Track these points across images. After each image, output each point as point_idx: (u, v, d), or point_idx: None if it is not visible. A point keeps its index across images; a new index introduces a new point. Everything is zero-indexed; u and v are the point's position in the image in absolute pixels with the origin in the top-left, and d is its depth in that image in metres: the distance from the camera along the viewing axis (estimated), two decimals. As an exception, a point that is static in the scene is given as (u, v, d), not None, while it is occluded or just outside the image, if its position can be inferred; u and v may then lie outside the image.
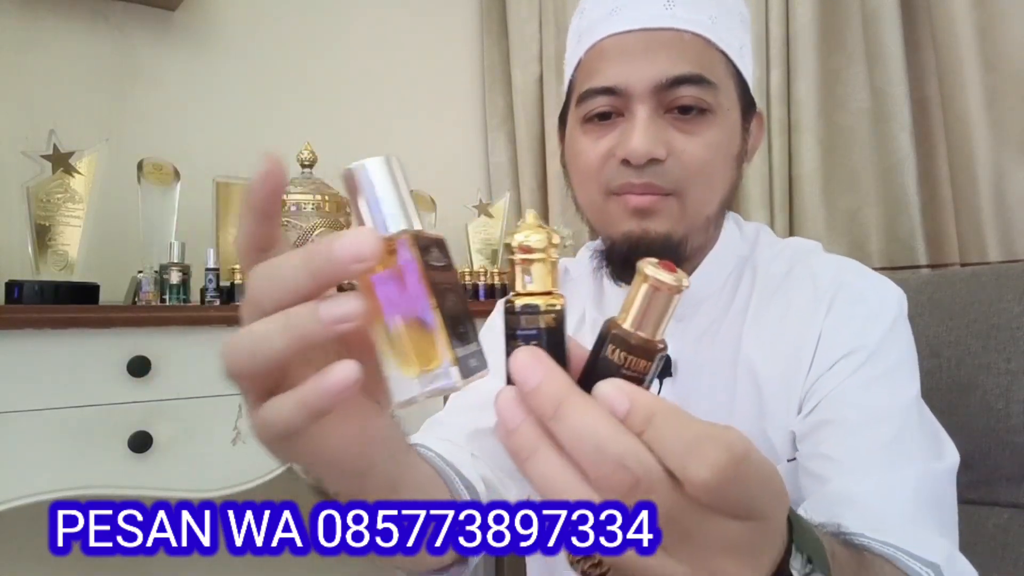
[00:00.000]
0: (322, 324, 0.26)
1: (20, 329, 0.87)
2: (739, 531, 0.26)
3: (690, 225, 0.62)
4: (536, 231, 0.28)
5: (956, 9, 1.05)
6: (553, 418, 0.26)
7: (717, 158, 0.61)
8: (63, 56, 1.27)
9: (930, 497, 0.56)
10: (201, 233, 1.17)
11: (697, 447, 0.25)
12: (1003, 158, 1.04)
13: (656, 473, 0.25)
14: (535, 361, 0.26)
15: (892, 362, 0.60)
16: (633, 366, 0.27)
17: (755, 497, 0.26)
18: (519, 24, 1.72)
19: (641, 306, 0.27)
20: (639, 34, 0.61)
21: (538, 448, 0.26)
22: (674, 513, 0.25)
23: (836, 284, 0.63)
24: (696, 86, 0.59)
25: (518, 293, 0.28)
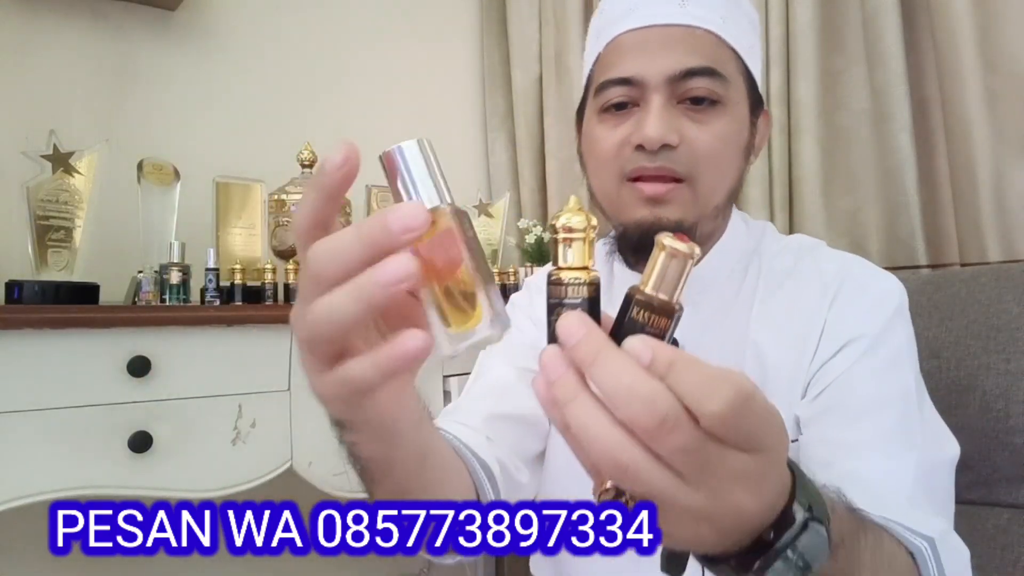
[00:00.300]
0: (383, 287, 0.30)
1: (20, 329, 0.87)
2: (746, 462, 0.30)
3: (700, 212, 0.65)
4: (577, 214, 0.33)
5: (956, 9, 1.05)
6: (592, 365, 0.30)
7: (727, 147, 0.65)
8: (63, 56, 1.27)
9: (928, 484, 0.58)
10: (201, 233, 1.17)
11: (711, 386, 0.28)
12: (1003, 158, 1.04)
13: (678, 411, 0.28)
14: (578, 321, 0.31)
15: (893, 350, 0.63)
16: (655, 324, 0.31)
17: (760, 430, 0.30)
18: (519, 24, 1.72)
19: (660, 272, 0.31)
20: (655, 30, 0.64)
21: (577, 395, 0.30)
22: (692, 447, 0.29)
23: (840, 276, 0.66)
24: (708, 78, 0.63)
25: (560, 267, 0.33)
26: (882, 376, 0.62)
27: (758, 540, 0.33)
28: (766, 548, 0.33)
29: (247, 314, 1.02)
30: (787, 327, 0.65)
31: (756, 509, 0.32)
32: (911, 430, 0.61)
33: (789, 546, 0.33)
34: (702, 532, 0.32)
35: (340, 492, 1.07)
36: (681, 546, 0.34)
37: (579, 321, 0.31)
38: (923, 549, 0.51)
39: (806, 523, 0.34)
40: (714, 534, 0.32)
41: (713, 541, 0.33)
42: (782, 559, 0.33)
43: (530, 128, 1.72)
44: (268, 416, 1.02)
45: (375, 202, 1.33)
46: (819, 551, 0.34)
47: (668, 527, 0.32)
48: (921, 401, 0.63)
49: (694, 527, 0.31)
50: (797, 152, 1.24)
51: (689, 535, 0.32)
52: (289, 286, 1.13)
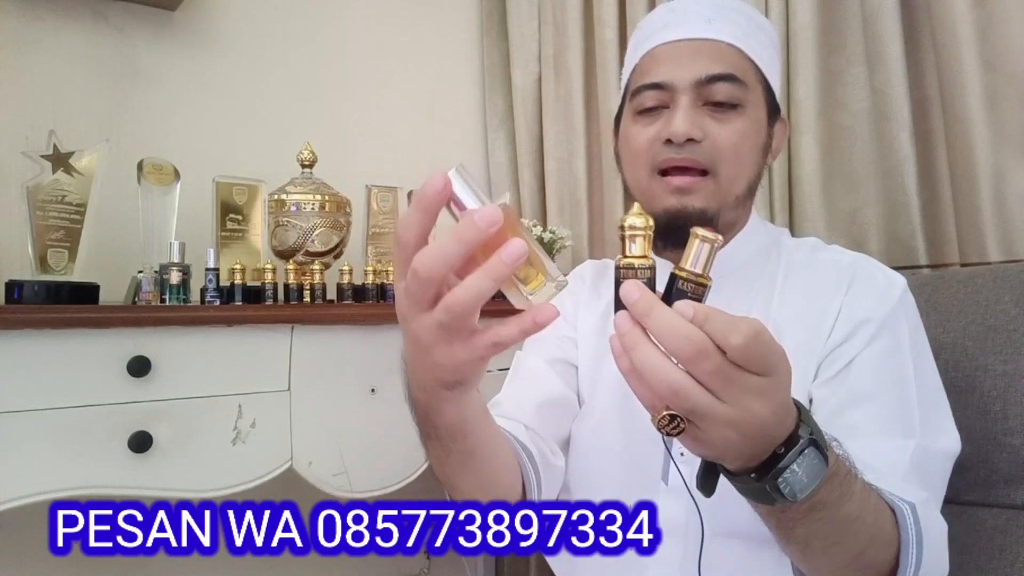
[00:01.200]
0: (509, 265, 0.40)
1: (20, 329, 0.87)
2: (760, 382, 0.42)
3: (722, 202, 0.74)
4: (639, 216, 0.45)
5: (956, 9, 1.05)
6: (646, 316, 0.42)
7: (745, 143, 0.74)
8: (63, 56, 1.27)
9: (923, 470, 0.64)
10: (201, 233, 1.17)
11: (734, 325, 0.40)
12: (1003, 158, 1.04)
13: (709, 344, 0.40)
14: (635, 286, 0.43)
15: (895, 338, 0.70)
16: (694, 292, 0.43)
17: (768, 357, 0.42)
18: (519, 24, 1.72)
19: (695, 255, 0.43)
20: (685, 43, 0.75)
21: (640, 342, 0.42)
22: (720, 370, 0.41)
23: (854, 266, 0.75)
24: (729, 83, 0.73)
25: (625, 256, 0.45)
26: (882, 363, 0.68)
27: (772, 456, 0.45)
28: (778, 460, 0.44)
29: (247, 314, 1.02)
30: (805, 310, 0.73)
31: (769, 417, 0.43)
32: (909, 417, 0.67)
33: (795, 461, 0.44)
34: (731, 437, 0.42)
35: (340, 492, 1.08)
36: (716, 454, 0.45)
37: (635, 286, 0.43)
38: (904, 510, 0.57)
39: (808, 443, 0.45)
40: (740, 439, 0.43)
41: (739, 447, 0.43)
42: (790, 471, 0.44)
43: (530, 128, 1.72)
44: (268, 416, 1.02)
45: (375, 201, 1.33)
46: (818, 470, 0.45)
47: (706, 436, 0.43)
48: (923, 389, 0.69)
49: (725, 432, 0.42)
50: (797, 152, 1.24)
51: (721, 440, 0.43)
52: (289, 286, 1.13)
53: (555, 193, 1.65)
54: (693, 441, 0.44)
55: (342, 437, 1.08)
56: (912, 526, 0.56)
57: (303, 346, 1.06)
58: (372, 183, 1.34)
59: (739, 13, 0.78)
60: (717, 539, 0.67)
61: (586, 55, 1.61)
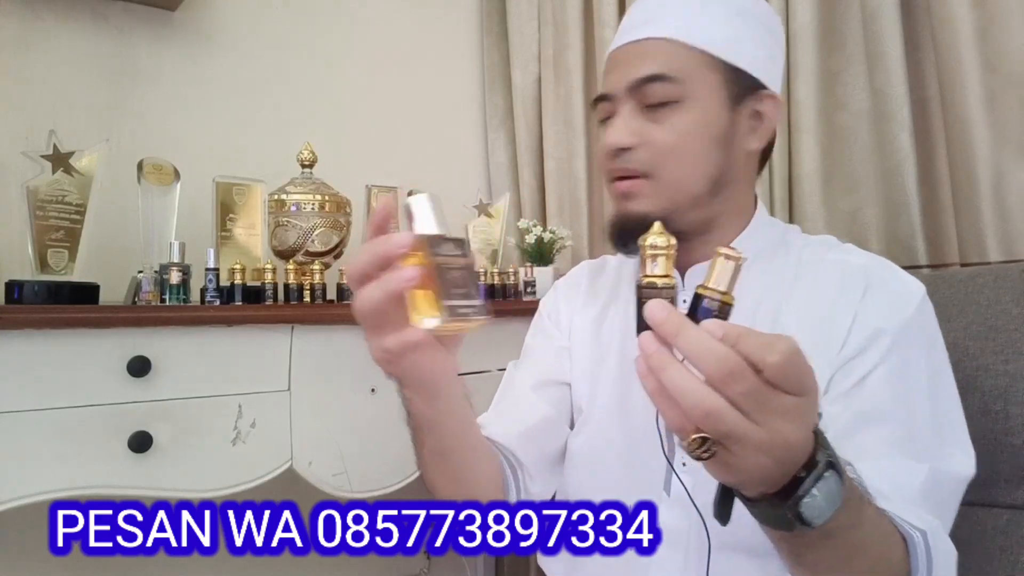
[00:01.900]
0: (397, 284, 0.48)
1: (20, 329, 0.87)
2: (793, 403, 0.40)
3: (672, 203, 0.72)
4: (661, 236, 0.45)
5: (956, 9, 1.05)
6: (676, 336, 0.40)
7: (687, 141, 0.71)
8: (63, 56, 1.27)
9: (934, 494, 0.62)
10: (201, 233, 1.17)
11: (771, 344, 0.39)
12: (1003, 158, 1.04)
13: (742, 365, 0.39)
14: (661, 306, 0.41)
15: (909, 354, 0.66)
16: (720, 311, 0.42)
17: (804, 377, 0.41)
18: (519, 24, 1.72)
19: (719, 273, 0.43)
20: (625, 47, 0.75)
21: (669, 363, 0.41)
22: (754, 391, 0.39)
23: (868, 269, 0.71)
24: (660, 83, 0.71)
25: (647, 275, 0.44)
26: (896, 381, 0.65)
27: (792, 480, 0.43)
28: (798, 485, 0.43)
29: (247, 314, 1.02)
30: (814, 315, 0.70)
31: (801, 440, 0.41)
32: (921, 439, 0.64)
33: (815, 485, 0.43)
34: (763, 463, 0.41)
35: (340, 492, 1.07)
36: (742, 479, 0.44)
37: (662, 306, 0.41)
38: (916, 537, 0.55)
39: (827, 466, 0.43)
40: (772, 464, 0.41)
41: (767, 472, 0.42)
42: (810, 496, 0.42)
43: (530, 128, 1.72)
44: (268, 416, 1.02)
45: (375, 201, 1.33)
46: (837, 494, 0.44)
47: (737, 460, 0.41)
48: (938, 408, 0.66)
49: (756, 458, 0.41)
50: (797, 152, 1.24)
51: (753, 466, 0.41)
52: (289, 286, 1.13)
53: (555, 193, 1.65)
54: (722, 466, 0.42)
55: (342, 437, 1.08)
56: (923, 554, 0.55)
57: (303, 346, 1.06)
58: (372, 183, 1.34)
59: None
60: (723, 551, 0.65)
61: (586, 55, 1.61)
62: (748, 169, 0.77)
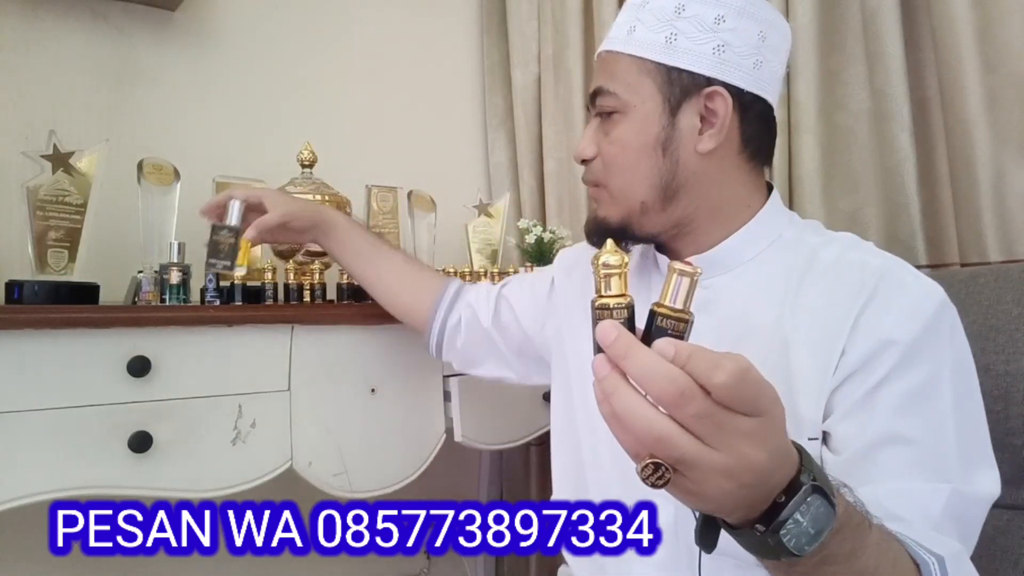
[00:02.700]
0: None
1: (20, 329, 0.87)
2: (750, 424, 0.38)
3: (624, 209, 0.74)
4: (614, 254, 0.42)
5: (956, 9, 1.05)
6: (624, 359, 0.38)
7: (625, 150, 0.73)
8: (63, 56, 1.27)
9: (958, 518, 0.58)
10: (201, 233, 1.16)
11: (718, 363, 0.37)
12: (1003, 158, 1.04)
13: (692, 386, 0.37)
14: (611, 326, 0.40)
15: (930, 369, 0.61)
16: (674, 329, 0.40)
17: (757, 397, 0.38)
18: (519, 24, 1.72)
19: (674, 289, 0.40)
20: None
21: (619, 387, 0.39)
22: (707, 413, 0.37)
23: (880, 272, 0.65)
24: (601, 96, 0.74)
25: (602, 295, 0.42)
26: (917, 396, 0.60)
27: (772, 505, 0.41)
28: (779, 510, 0.41)
29: (247, 314, 1.02)
30: (819, 321, 0.65)
31: (766, 462, 0.39)
32: (945, 459, 0.59)
33: (798, 510, 0.40)
34: (726, 487, 0.39)
35: (340, 492, 1.07)
36: (713, 507, 0.41)
37: (611, 326, 0.39)
38: (931, 564, 0.51)
39: (812, 490, 0.41)
40: (736, 487, 0.39)
41: (737, 497, 0.40)
42: (793, 521, 0.40)
43: (530, 128, 1.72)
44: (268, 416, 1.02)
45: (375, 201, 1.33)
46: (825, 519, 0.41)
47: (699, 487, 0.39)
48: (963, 425, 0.61)
49: (719, 482, 0.38)
50: (797, 152, 1.24)
51: (716, 491, 0.39)
52: (289, 286, 1.13)
53: (554, 193, 1.65)
54: (685, 493, 0.40)
55: (342, 437, 1.08)
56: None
57: (303, 346, 1.06)
58: (372, 183, 1.34)
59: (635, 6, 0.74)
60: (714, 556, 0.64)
61: (586, 55, 1.61)
62: (718, 170, 0.72)
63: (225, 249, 0.92)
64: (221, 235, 0.92)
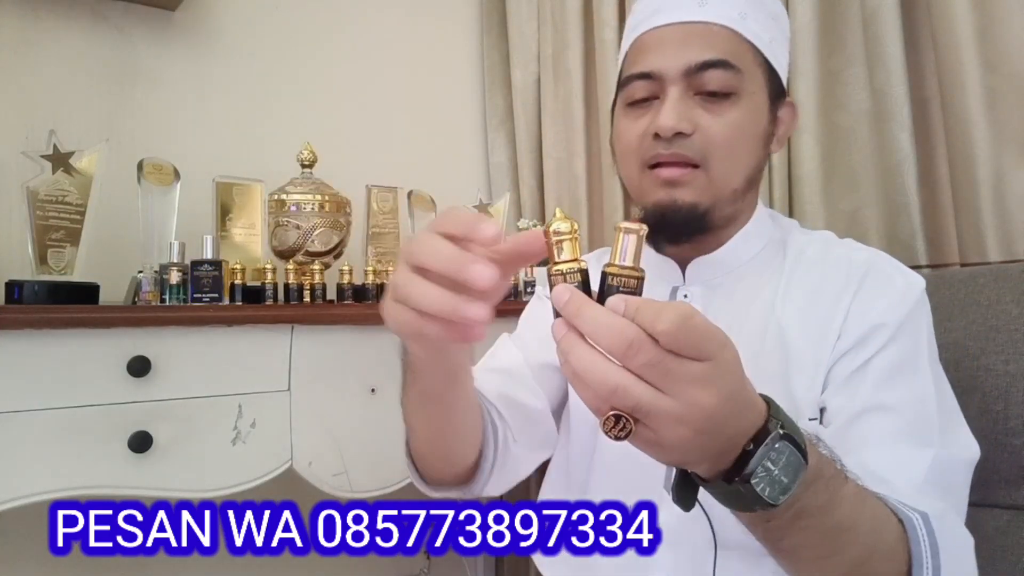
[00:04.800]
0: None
1: (20, 329, 0.87)
2: (700, 368, 0.39)
3: (716, 196, 0.70)
4: (564, 221, 0.43)
5: (956, 9, 1.05)
6: (576, 316, 0.40)
7: (740, 136, 0.69)
8: (63, 56, 1.27)
9: (942, 479, 0.60)
10: (201, 233, 1.17)
11: (661, 311, 0.38)
12: (1003, 158, 1.04)
13: (641, 336, 0.38)
14: (564, 288, 0.41)
15: (912, 344, 0.66)
16: (626, 285, 0.41)
17: (703, 341, 0.39)
18: (519, 24, 1.72)
19: (622, 248, 0.41)
20: (674, 27, 0.70)
21: (575, 345, 0.40)
22: (656, 360, 0.38)
23: (867, 265, 0.70)
24: (722, 70, 0.68)
25: (556, 262, 0.42)
26: (899, 369, 0.65)
27: (743, 454, 0.42)
28: (749, 458, 0.41)
29: (247, 314, 1.02)
30: (811, 311, 0.69)
31: (719, 407, 0.39)
32: (927, 426, 0.62)
33: (767, 457, 0.41)
34: (683, 434, 0.39)
35: (340, 492, 1.07)
36: (676, 457, 0.42)
37: (564, 289, 0.41)
38: (915, 519, 0.53)
39: (780, 438, 0.42)
40: (693, 435, 0.40)
41: (696, 445, 0.40)
42: (763, 468, 0.41)
43: (530, 128, 1.72)
44: (268, 416, 1.02)
45: (375, 201, 1.33)
46: (797, 468, 0.42)
47: (657, 435, 0.40)
48: (940, 397, 0.65)
49: (675, 429, 0.39)
50: (797, 152, 1.24)
51: (674, 438, 0.40)
52: (289, 286, 1.13)
53: (554, 193, 1.65)
54: (646, 444, 0.42)
55: (342, 437, 1.08)
56: (925, 537, 0.52)
57: (303, 346, 1.06)
58: (372, 183, 1.34)
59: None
60: (729, 552, 0.64)
61: (586, 55, 1.61)
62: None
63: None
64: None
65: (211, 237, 1.10)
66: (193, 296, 1.01)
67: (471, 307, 0.41)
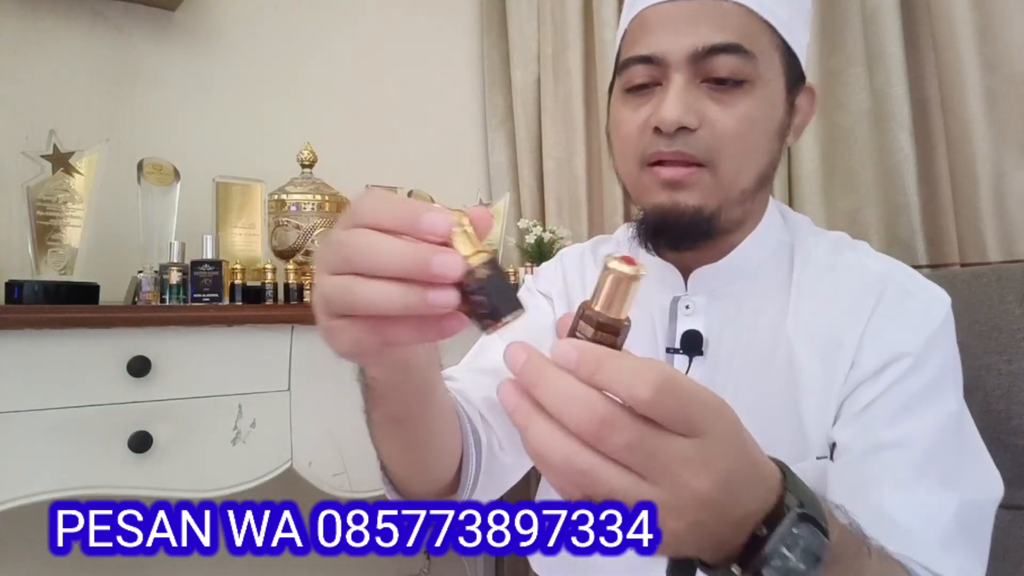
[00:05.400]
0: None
1: (20, 329, 0.87)
2: (689, 447, 0.31)
3: (723, 198, 0.61)
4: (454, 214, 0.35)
5: (956, 9, 1.05)
6: (536, 387, 0.32)
7: (752, 130, 0.60)
8: (63, 56, 1.27)
9: (968, 528, 0.55)
10: (201, 233, 1.17)
11: (637, 372, 0.30)
12: (1003, 158, 1.04)
13: (615, 410, 0.30)
14: (520, 348, 0.33)
15: (934, 373, 0.58)
16: (602, 340, 0.33)
17: (692, 412, 0.31)
18: (519, 24, 1.72)
19: (607, 293, 0.33)
20: (680, 4, 0.60)
21: (531, 419, 0.32)
22: (636, 440, 0.30)
23: (884, 279, 0.62)
24: (734, 55, 0.58)
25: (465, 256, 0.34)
26: (919, 403, 0.57)
27: (752, 539, 0.34)
28: (761, 545, 0.34)
29: (247, 314, 1.02)
30: (821, 327, 0.61)
31: (714, 492, 0.32)
32: (948, 464, 0.56)
33: (783, 544, 0.33)
34: (673, 527, 0.32)
35: (340, 492, 1.07)
36: (669, 550, 0.34)
37: (520, 348, 0.33)
38: None
39: (799, 519, 0.34)
40: (685, 527, 0.32)
41: (692, 537, 0.33)
42: (779, 557, 0.33)
43: (530, 128, 1.72)
44: (268, 416, 1.02)
45: (375, 202, 1.33)
46: (818, 551, 0.34)
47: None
48: (962, 431, 0.59)
49: (663, 521, 0.32)
50: (797, 152, 1.24)
51: (663, 531, 0.32)
52: (289, 286, 1.13)
53: (554, 193, 1.65)
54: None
55: (342, 437, 1.08)
56: None
57: (303, 346, 1.06)
58: (372, 183, 1.34)
59: None
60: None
61: (586, 55, 1.61)
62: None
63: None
64: None
65: (211, 237, 1.10)
66: (193, 296, 1.02)
67: (439, 293, 0.33)
